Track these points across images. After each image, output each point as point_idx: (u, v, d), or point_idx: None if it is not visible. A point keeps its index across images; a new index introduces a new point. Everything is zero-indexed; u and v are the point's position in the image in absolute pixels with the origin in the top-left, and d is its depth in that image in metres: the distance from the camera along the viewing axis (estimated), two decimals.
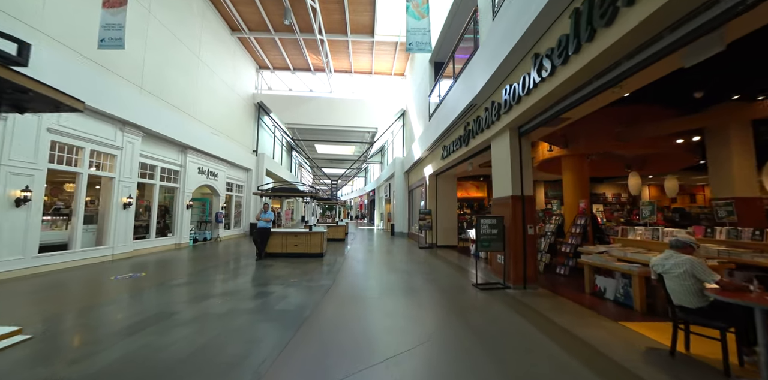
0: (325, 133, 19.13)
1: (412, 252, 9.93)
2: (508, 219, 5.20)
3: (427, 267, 7.15)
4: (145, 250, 8.76)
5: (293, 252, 8.35)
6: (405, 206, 16.51)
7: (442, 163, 9.57)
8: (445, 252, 9.89)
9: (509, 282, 5.10)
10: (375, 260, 8.20)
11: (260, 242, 8.02)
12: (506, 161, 5.36)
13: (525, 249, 5.05)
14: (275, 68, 17.66)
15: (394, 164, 17.40)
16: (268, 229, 8.17)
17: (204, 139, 11.32)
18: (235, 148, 14.08)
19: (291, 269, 6.62)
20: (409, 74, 16.86)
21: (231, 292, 4.64)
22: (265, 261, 7.72)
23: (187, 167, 10.58)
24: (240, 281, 5.43)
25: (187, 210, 10.63)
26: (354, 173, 33.70)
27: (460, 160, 8.60)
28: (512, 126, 5.23)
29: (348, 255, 9.08)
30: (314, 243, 8.40)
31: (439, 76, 10.23)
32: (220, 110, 13.36)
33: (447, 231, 11.30)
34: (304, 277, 5.81)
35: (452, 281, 5.68)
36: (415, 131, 14.47)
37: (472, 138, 6.79)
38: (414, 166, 14.57)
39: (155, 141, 9.08)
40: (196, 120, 11.27)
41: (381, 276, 6.10)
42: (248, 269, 6.64)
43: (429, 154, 11.39)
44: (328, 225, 13.50)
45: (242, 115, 15.67)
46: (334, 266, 7.08)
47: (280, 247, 8.35)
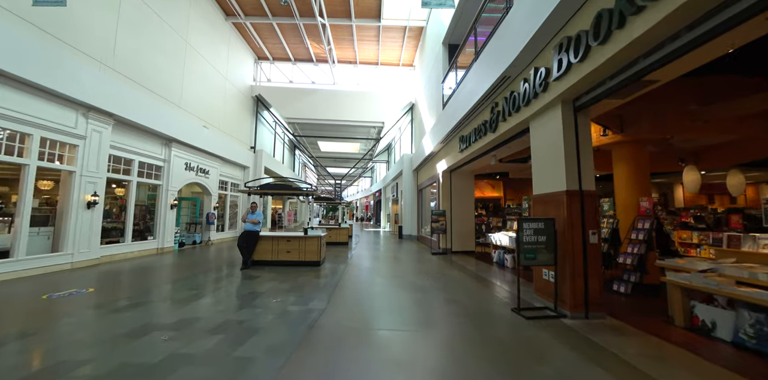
0: (329, 128, 17.96)
1: (424, 259, 8.62)
2: (561, 222, 3.87)
3: (446, 280, 5.84)
4: (118, 257, 7.63)
5: (285, 260, 7.12)
6: (414, 207, 15.21)
7: (459, 157, 8.25)
8: (463, 259, 8.56)
9: (564, 308, 3.76)
10: (381, 271, 6.91)
11: (246, 248, 6.81)
12: (556, 146, 4.04)
13: (586, 262, 3.71)
14: (275, 59, 16.56)
15: (401, 161, 16.12)
16: (256, 233, 6.95)
17: (192, 132, 10.19)
18: (229, 143, 12.97)
19: (277, 283, 5.38)
20: (418, 64, 15.60)
21: (185, 322, 3.40)
22: (251, 271, 6.50)
23: (171, 162, 9.46)
24: (206, 302, 4.20)
25: (172, 211, 9.50)
26: (359, 173, 32.51)
27: (482, 152, 7.27)
28: (566, 97, 3.90)
29: (350, 263, 7.82)
30: (310, 250, 7.16)
31: (455, 57, 8.92)
32: (213, 102, 12.26)
33: (463, 235, 9.96)
34: (290, 296, 4.56)
35: (482, 303, 4.37)
36: (425, 124, 13.18)
37: (502, 121, 5.47)
38: (424, 163, 13.26)
39: (131, 131, 7.96)
40: (182, 110, 10.16)
41: (389, 296, 4.81)
42: (226, 283, 5.41)
43: (442, 147, 10.08)
44: (328, 228, 12.28)
45: (238, 109, 14.57)
46: (331, 279, 5.82)
47: (270, 254, 7.13)
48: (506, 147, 6.55)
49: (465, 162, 8.64)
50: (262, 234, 7.25)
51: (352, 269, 6.88)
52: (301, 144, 21.71)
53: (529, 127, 4.87)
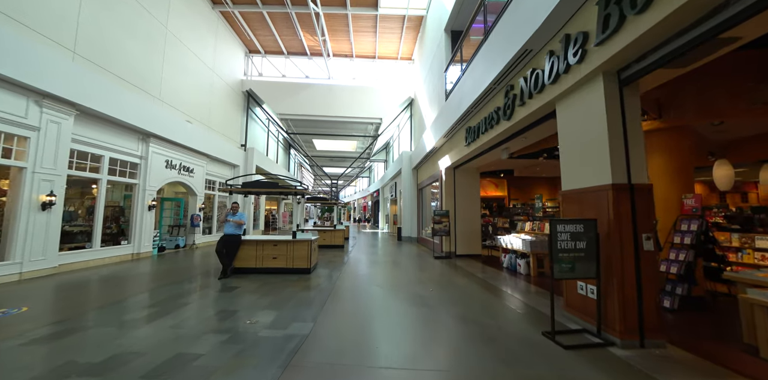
0: (324, 125, 17.15)
1: (427, 264, 7.82)
2: (605, 224, 3.09)
3: (454, 291, 5.04)
4: (82, 264, 6.77)
5: (271, 268, 6.30)
6: (414, 207, 14.42)
7: (465, 152, 7.47)
8: (469, 264, 7.77)
9: (611, 333, 2.97)
10: (379, 279, 6.10)
11: (226, 254, 5.98)
12: (595, 129, 3.26)
13: (639, 275, 2.92)
14: (267, 52, 15.75)
15: (400, 159, 15.34)
16: (238, 237, 6.13)
17: (174, 127, 9.35)
18: (217, 140, 12.13)
19: (257, 297, 4.56)
20: (417, 57, 14.84)
21: (116, 361, 2.58)
22: (230, 280, 5.67)
23: (149, 159, 8.62)
24: (161, 326, 3.37)
25: (150, 212, 8.66)
26: (357, 173, 31.72)
27: (492, 145, 6.49)
28: (610, 67, 3.12)
29: (345, 269, 7.00)
30: (299, 255, 6.34)
31: (460, 42, 8.14)
32: (198, 95, 11.43)
33: (468, 236, 9.17)
34: (269, 315, 3.74)
35: (502, 322, 3.57)
36: (426, 119, 12.41)
37: (520, 105, 4.69)
38: (425, 160, 12.48)
39: (100, 124, 7.12)
40: (162, 103, 9.32)
41: (389, 313, 4.00)
42: (196, 297, 4.58)
43: (446, 142, 9.30)
44: (323, 230, 11.47)
45: (227, 104, 13.73)
46: (321, 291, 5.00)
47: (254, 260, 6.30)
48: (521, 138, 5.77)
49: (471, 157, 7.86)
50: (245, 237, 6.44)
51: (347, 277, 6.07)
52: (296, 142, 20.89)
53: (555, 110, 4.08)
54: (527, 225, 7.61)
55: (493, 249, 9.51)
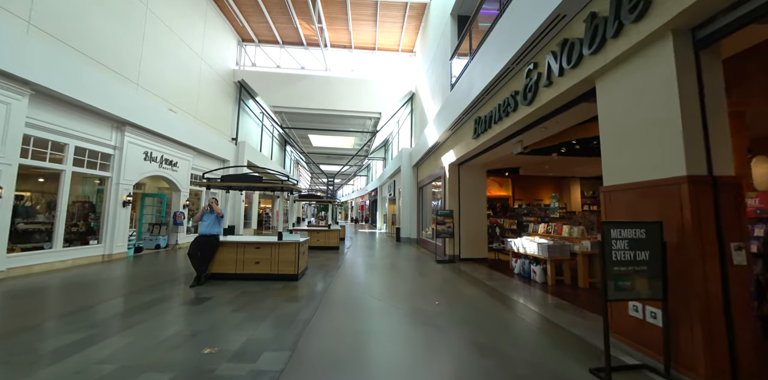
0: (320, 119, 16.35)
1: (429, 270, 7.07)
2: (675, 229, 2.34)
3: (464, 305, 4.29)
4: (44, 267, 5.97)
5: (253, 274, 5.53)
6: (413, 207, 13.67)
7: (473, 146, 6.73)
8: (475, 269, 7.03)
9: (687, 374, 2.23)
10: (376, 289, 5.35)
11: (200, 258, 5.21)
12: (659, 107, 2.51)
13: (728, 298, 2.18)
14: (261, 41, 14.93)
15: (400, 156, 14.58)
16: (214, 238, 5.36)
17: (154, 115, 8.55)
18: (204, 132, 11.32)
19: (230, 311, 3.78)
20: (419, 49, 14.09)
21: None
22: (204, 288, 4.89)
23: (125, 150, 7.81)
24: (91, 358, 2.59)
25: (125, 209, 7.85)
26: (354, 171, 30.94)
27: (504, 137, 5.75)
28: (681, 25, 2.38)
29: (337, 275, 6.24)
30: (285, 260, 5.57)
31: (468, 24, 7.39)
32: (184, 83, 10.61)
33: (474, 239, 8.43)
34: (239, 338, 2.98)
35: (532, 350, 2.82)
36: (428, 113, 11.66)
37: (546, 86, 3.94)
38: (426, 157, 11.73)
39: (63, 108, 6.31)
40: (141, 89, 8.51)
41: (387, 338, 3.24)
42: (154, 312, 3.80)
43: (450, 135, 8.55)
44: (317, 230, 10.69)
45: (218, 94, 12.92)
46: (307, 304, 4.24)
47: (234, 265, 5.53)
48: (540, 128, 5.04)
49: (479, 152, 7.12)
50: (224, 239, 5.66)
51: (339, 286, 5.30)
52: (291, 138, 20.08)
53: (594, 89, 3.34)
54: (540, 227, 6.88)
55: (500, 253, 8.78)
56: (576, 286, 5.36)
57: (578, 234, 5.61)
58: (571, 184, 14.88)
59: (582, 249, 5.28)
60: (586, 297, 4.77)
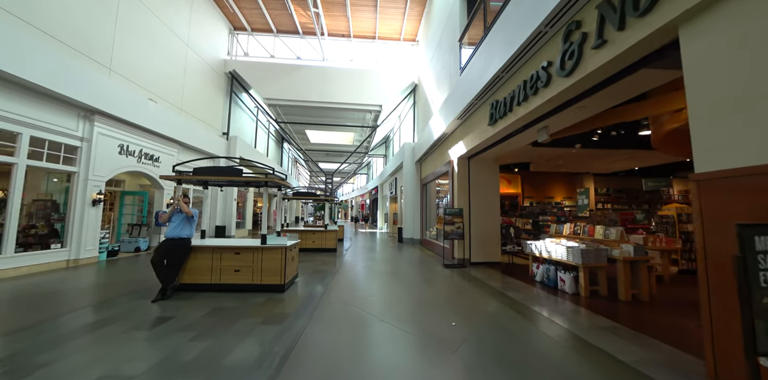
0: (317, 112, 15.47)
1: (437, 276, 6.21)
2: None
3: (490, 329, 3.42)
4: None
5: (231, 284, 4.67)
6: (416, 205, 12.81)
7: (488, 134, 5.85)
8: (489, 275, 6.16)
9: None
10: (377, 304, 4.49)
11: (167, 266, 4.35)
12: None
13: None
14: (254, 30, 14.04)
15: (402, 152, 13.71)
16: (184, 243, 4.50)
17: (131, 105, 7.69)
18: (191, 126, 10.45)
19: (188, 339, 2.92)
20: (423, 37, 13.20)
21: None
22: (169, 304, 4.03)
23: (95, 142, 6.95)
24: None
25: (94, 208, 7.00)
26: (354, 168, 30.06)
27: (529, 121, 4.86)
28: None
29: (332, 285, 5.37)
30: (269, 268, 4.71)
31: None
32: (167, 72, 9.74)
33: (486, 240, 7.57)
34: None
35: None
36: (433, 104, 10.79)
37: (596, 47, 3.06)
38: (431, 151, 10.86)
39: (14, 91, 5.45)
40: (115, 74, 7.64)
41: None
42: (92, 339, 2.94)
43: (460, 124, 7.66)
44: (312, 231, 9.83)
45: (207, 85, 12.05)
46: (290, 327, 3.37)
47: (209, 274, 4.67)
48: (575, 108, 4.16)
49: (495, 142, 6.24)
50: (198, 243, 4.81)
51: (333, 300, 4.44)
52: (288, 134, 19.20)
53: (669, 45, 2.46)
54: (565, 227, 6.01)
55: (514, 256, 7.91)
56: (615, 299, 4.49)
57: (616, 236, 4.74)
58: (585, 180, 13.99)
59: (623, 255, 4.40)
60: (631, 313, 3.91)
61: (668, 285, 5.32)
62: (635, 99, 5.07)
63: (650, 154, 8.97)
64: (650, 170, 12.35)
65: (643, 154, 9.01)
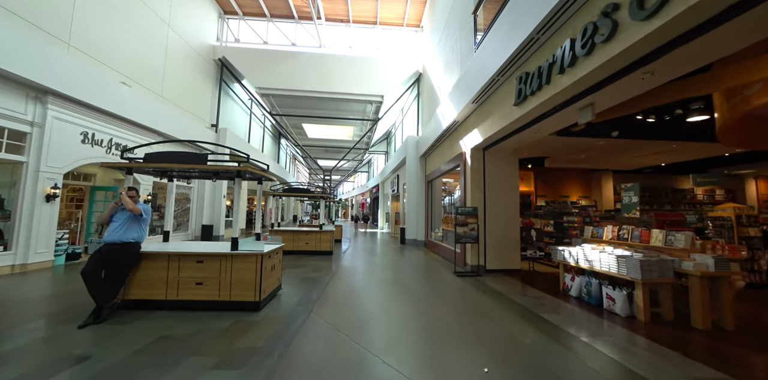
0: (314, 104, 14.43)
1: (449, 288, 5.19)
2: None
3: (541, 375, 2.40)
4: None
5: (192, 301, 3.66)
6: (421, 204, 11.79)
7: (514, 116, 4.82)
8: (511, 288, 5.14)
9: None
10: (378, 332, 3.49)
11: (106, 280, 3.35)
12: None
13: None
14: (245, 14, 13.00)
15: (405, 146, 12.68)
16: (129, 248, 3.49)
17: (96, 87, 6.69)
18: (173, 114, 9.45)
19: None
20: (428, 22, 12.16)
21: None
22: (99, 330, 3.03)
23: (49, 128, 5.96)
24: None
25: (49, 205, 6.01)
26: (355, 166, 29.04)
27: (576, 93, 3.82)
28: None
29: (321, 302, 4.36)
30: (241, 280, 3.70)
31: None
32: (144, 52, 8.72)
33: (503, 244, 6.55)
34: None
35: None
36: (440, 92, 9.76)
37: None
38: (437, 144, 9.83)
39: None
40: (74, 49, 6.64)
41: None
42: None
43: (474, 109, 6.62)
44: (303, 231, 8.81)
45: (192, 72, 11.03)
46: (256, 370, 2.36)
47: (163, 288, 3.66)
48: (640, 74, 3.13)
49: (519, 127, 5.20)
50: (150, 248, 3.80)
51: (319, 325, 3.42)
52: (284, 128, 18.16)
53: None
54: (606, 230, 4.98)
55: (536, 262, 6.89)
56: (687, 326, 3.45)
57: (686, 243, 3.70)
58: (603, 178, 12.94)
59: (700, 269, 3.37)
60: (732, 354, 2.85)
61: (744, 304, 4.29)
62: (700, 70, 4.05)
63: (687, 147, 7.93)
64: (678, 167, 11.29)
65: (679, 148, 7.97)
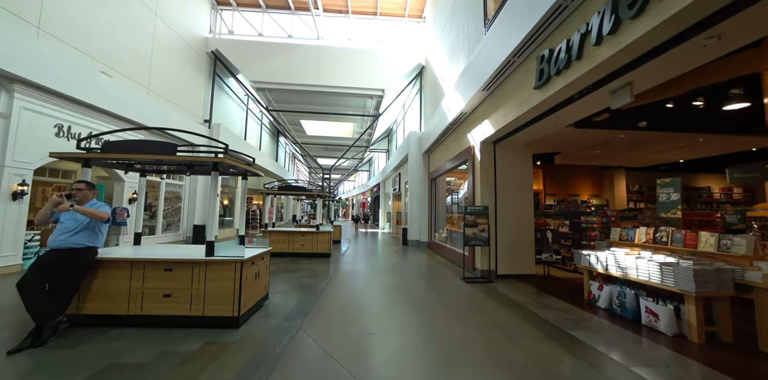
0: (312, 99, 13.84)
1: (459, 297, 4.59)
2: None
3: None
4: None
5: (158, 316, 3.08)
6: (424, 203, 11.20)
7: (534, 101, 4.22)
8: (527, 295, 4.54)
9: None
10: (377, 355, 2.91)
11: (49, 293, 2.78)
12: None
13: None
14: (240, 5, 12.42)
15: (407, 142, 12.09)
16: (80, 256, 2.92)
17: (71, 75, 6.15)
18: (161, 108, 8.90)
19: None
20: (431, 11, 11.56)
21: None
22: (34, 357, 2.45)
23: (15, 119, 5.40)
24: None
25: (15, 203, 5.45)
26: (356, 164, 28.47)
27: (614, 69, 3.21)
28: None
29: (315, 313, 3.77)
30: (216, 292, 3.11)
31: None
32: (127, 41, 8.15)
33: (516, 247, 5.95)
34: None
35: None
36: (445, 84, 9.18)
37: None
38: (442, 139, 9.24)
39: None
40: (45, 34, 6.08)
41: None
42: None
43: (485, 97, 6.01)
44: (299, 232, 8.23)
45: (183, 64, 10.46)
46: None
47: (125, 301, 3.08)
48: (702, 40, 2.53)
49: (539, 114, 4.61)
50: (111, 255, 3.23)
51: (308, 347, 2.84)
52: (282, 125, 17.58)
53: None
54: (639, 232, 4.37)
55: (551, 266, 6.29)
56: (754, 350, 2.85)
57: (747, 249, 3.09)
58: (615, 175, 12.30)
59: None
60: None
61: None
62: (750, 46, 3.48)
63: (713, 141, 7.30)
64: (694, 164, 10.67)
65: (705, 141, 7.35)
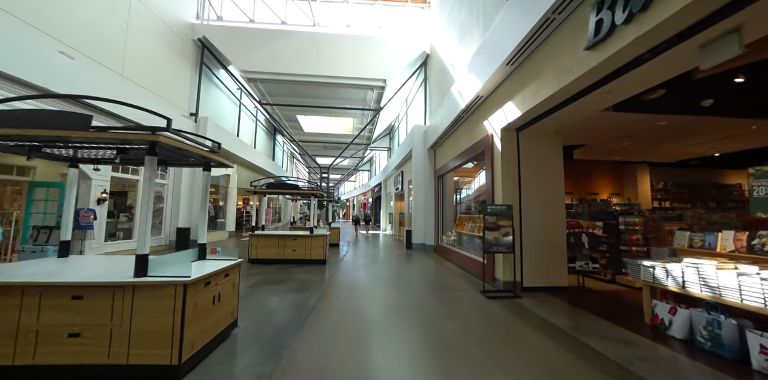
0: (309, 91, 12.87)
1: (481, 319, 3.59)
2: None
3: None
4: None
5: (62, 366, 2.10)
6: (430, 203, 10.21)
7: (586, 66, 3.22)
8: (567, 317, 3.54)
9: None
10: None
11: None
12: None
13: None
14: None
15: (411, 137, 11.10)
16: None
17: (19, 53, 5.20)
18: (138, 98, 7.95)
19: None
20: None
21: None
22: None
23: None
24: None
25: None
26: (356, 163, 27.49)
27: (722, 5, 2.22)
28: None
29: (297, 347, 2.78)
30: (147, 329, 2.13)
31: None
32: (94, 19, 7.20)
33: (546, 254, 4.95)
34: None
35: None
36: (454, 70, 8.21)
37: None
38: (451, 130, 8.24)
39: None
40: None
41: None
42: None
43: (509, 74, 4.99)
44: (290, 235, 7.24)
45: (164, 52, 9.52)
46: None
47: (10, 345, 2.09)
48: None
49: (581, 90, 3.61)
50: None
51: None
52: (278, 122, 16.62)
53: None
54: (724, 237, 3.36)
55: (587, 277, 5.28)
56: None
57: None
58: (638, 172, 11.27)
59: None
60: None
61: None
62: None
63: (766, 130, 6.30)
64: (726, 159, 9.67)
65: (757, 131, 6.35)
